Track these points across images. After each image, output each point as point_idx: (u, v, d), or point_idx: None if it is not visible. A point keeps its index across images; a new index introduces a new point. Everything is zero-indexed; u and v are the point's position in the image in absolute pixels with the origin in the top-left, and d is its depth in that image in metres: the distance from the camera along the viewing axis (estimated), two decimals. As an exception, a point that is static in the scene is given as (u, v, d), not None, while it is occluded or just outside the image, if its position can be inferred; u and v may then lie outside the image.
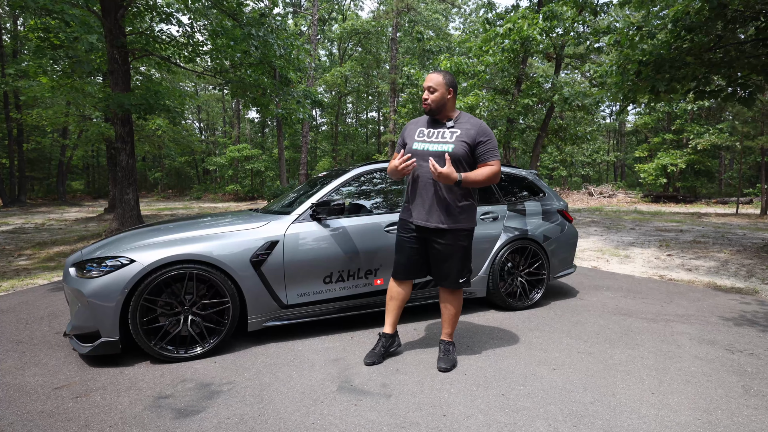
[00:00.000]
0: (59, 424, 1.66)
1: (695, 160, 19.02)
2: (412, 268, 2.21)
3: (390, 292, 2.27)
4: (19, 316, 3.03)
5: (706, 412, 1.75)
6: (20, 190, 17.75)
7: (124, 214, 7.10)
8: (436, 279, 2.22)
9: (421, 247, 2.18)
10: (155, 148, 21.24)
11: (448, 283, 2.17)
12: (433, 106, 2.12)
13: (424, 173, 2.10)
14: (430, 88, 2.11)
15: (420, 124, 2.22)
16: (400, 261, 2.22)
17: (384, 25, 21.48)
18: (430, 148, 2.11)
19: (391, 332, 2.28)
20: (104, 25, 6.64)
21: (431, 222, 2.11)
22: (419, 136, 2.16)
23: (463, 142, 2.07)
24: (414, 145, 2.15)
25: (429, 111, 2.14)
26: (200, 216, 3.09)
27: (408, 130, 2.22)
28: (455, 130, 2.11)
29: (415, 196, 2.15)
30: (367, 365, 2.16)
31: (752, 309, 3.22)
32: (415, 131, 2.19)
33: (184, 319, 2.26)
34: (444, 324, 2.26)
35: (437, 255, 2.15)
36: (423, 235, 2.16)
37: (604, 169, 32.51)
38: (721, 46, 5.15)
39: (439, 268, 2.17)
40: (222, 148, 28.45)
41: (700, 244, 6.51)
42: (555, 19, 9.09)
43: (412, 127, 2.22)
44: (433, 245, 2.15)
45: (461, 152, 2.06)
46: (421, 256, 2.19)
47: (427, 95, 2.11)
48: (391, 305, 2.27)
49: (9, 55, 16.81)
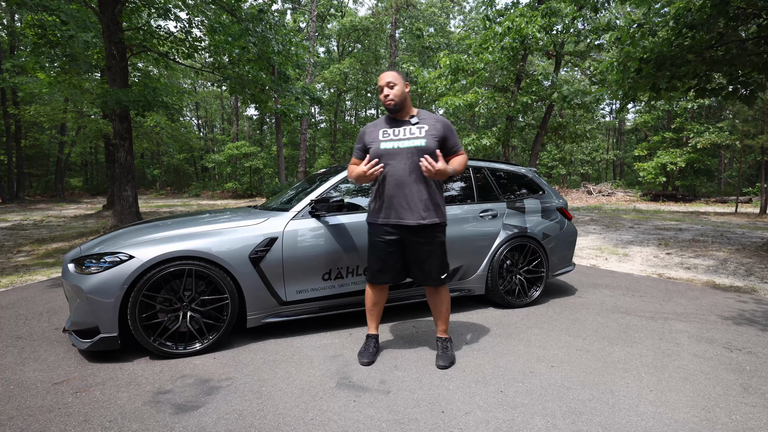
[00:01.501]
0: (59, 419, 1.66)
1: (695, 158, 19.05)
2: (390, 272, 2.16)
3: (372, 298, 2.24)
4: (18, 312, 3.03)
5: (704, 410, 1.75)
6: (18, 187, 17.70)
7: (122, 211, 7.09)
8: (420, 279, 2.17)
9: (398, 250, 2.14)
10: (154, 145, 21.19)
11: (431, 281, 2.16)
12: (397, 101, 2.08)
13: (396, 172, 2.06)
14: (389, 84, 2.08)
15: (380, 125, 2.17)
16: (377, 266, 2.16)
17: (383, 22, 21.39)
18: (400, 145, 2.07)
19: (377, 333, 2.31)
20: (101, 21, 6.60)
21: (412, 219, 2.06)
22: (384, 137, 2.12)
23: (433, 136, 2.09)
24: (381, 145, 2.10)
25: (393, 107, 2.10)
26: (199, 213, 3.08)
27: (368, 133, 2.17)
28: (421, 125, 2.11)
29: (390, 196, 2.08)
30: (365, 365, 2.15)
31: (751, 308, 3.23)
32: (377, 133, 2.14)
33: (183, 315, 2.25)
34: (438, 322, 2.26)
35: (418, 254, 2.12)
36: (401, 236, 2.11)
37: (603, 167, 32.52)
38: (722, 43, 5.13)
39: (421, 267, 2.14)
40: (220, 145, 28.38)
41: (699, 243, 6.52)
42: (554, 16, 9.04)
43: (372, 130, 2.17)
44: (413, 244, 2.11)
45: (433, 146, 2.08)
46: (398, 259, 2.15)
47: (388, 91, 2.07)
48: (375, 310, 2.26)
49: (6, 51, 16.72)
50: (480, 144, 11.88)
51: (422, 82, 11.79)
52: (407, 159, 2.06)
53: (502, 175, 3.39)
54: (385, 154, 2.08)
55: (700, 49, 5.09)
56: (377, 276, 2.17)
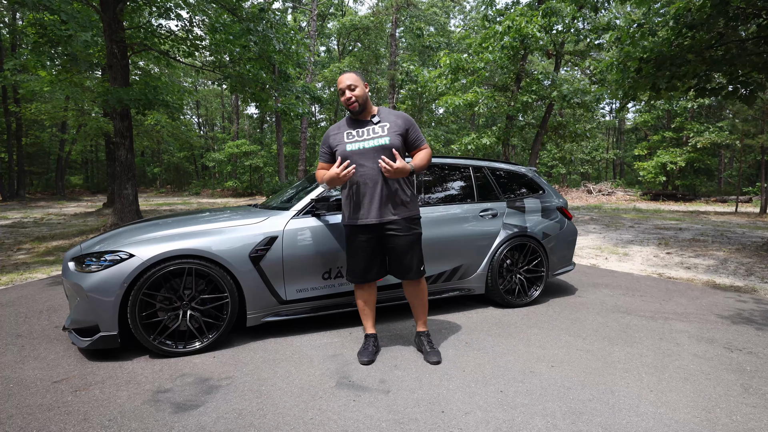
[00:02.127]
0: (58, 418, 1.66)
1: (695, 158, 19.03)
2: (375, 268, 2.19)
3: (362, 298, 2.26)
4: (18, 310, 3.03)
5: (704, 410, 1.75)
6: (19, 185, 17.70)
7: (122, 209, 7.08)
8: (400, 274, 2.20)
9: (376, 248, 2.16)
10: (154, 144, 21.17)
11: (412, 275, 2.19)
12: (360, 102, 2.10)
13: (366, 172, 2.09)
14: (350, 87, 2.09)
15: (343, 128, 2.18)
16: (357, 267, 2.18)
17: (383, 21, 21.36)
18: (365, 145, 2.10)
19: (375, 331, 2.32)
20: (103, 20, 6.59)
21: (385, 217, 2.10)
22: (349, 138, 2.13)
23: (396, 133, 2.13)
24: (348, 147, 2.11)
25: (357, 110, 2.12)
26: (199, 211, 3.08)
27: (332, 137, 2.18)
28: (383, 123, 2.15)
29: (360, 197, 2.11)
30: (365, 364, 2.16)
31: (751, 307, 3.23)
32: (342, 136, 2.15)
33: (183, 314, 2.25)
34: (419, 315, 2.30)
35: (397, 249, 2.14)
36: (377, 234, 2.14)
37: (603, 166, 32.51)
38: (722, 43, 5.12)
39: (401, 262, 2.16)
40: (221, 143, 28.36)
41: (699, 243, 6.52)
42: (554, 15, 9.02)
43: (336, 133, 2.18)
44: (391, 240, 2.13)
45: (397, 143, 2.12)
46: (376, 257, 2.18)
47: (350, 94, 2.09)
48: (367, 309, 2.28)
49: (8, 50, 16.70)
50: (480, 143, 11.87)
51: (422, 81, 11.79)
52: (374, 158, 2.08)
53: (502, 174, 3.38)
54: (352, 155, 2.09)
55: (700, 49, 5.08)
56: (364, 275, 2.19)
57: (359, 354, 2.22)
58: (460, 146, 12.23)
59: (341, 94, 2.13)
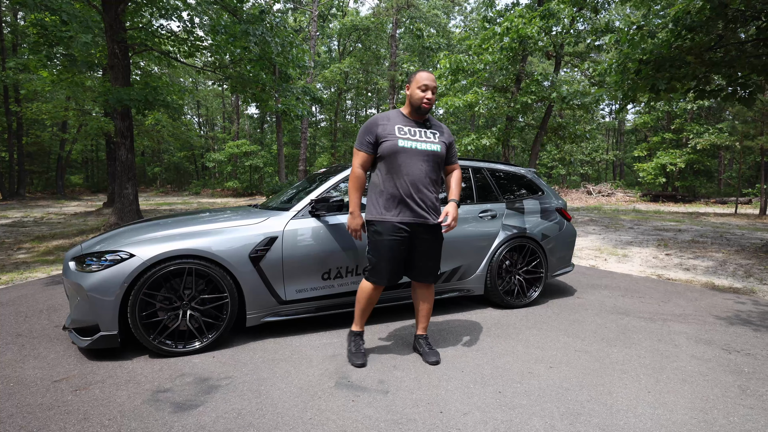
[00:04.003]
0: (58, 417, 1.67)
1: (694, 159, 19.05)
2: (398, 272, 2.14)
3: (371, 297, 2.17)
4: (18, 310, 3.03)
5: (702, 412, 1.76)
6: (19, 184, 17.70)
7: (122, 209, 7.09)
8: (422, 276, 2.19)
9: (406, 249, 2.13)
10: (154, 143, 21.18)
11: (432, 278, 2.20)
12: (431, 107, 2.13)
13: (413, 171, 2.06)
14: (434, 89, 2.11)
15: (394, 121, 2.13)
16: (388, 267, 2.09)
17: (384, 22, 21.38)
18: (418, 146, 2.08)
19: (362, 329, 2.29)
20: (105, 20, 6.60)
21: (431, 219, 2.11)
22: (401, 134, 2.09)
23: (444, 143, 2.17)
24: (399, 142, 2.06)
25: (428, 111, 2.13)
26: (199, 211, 3.09)
27: (380, 126, 2.10)
28: (434, 131, 2.17)
29: (406, 194, 2.07)
30: (360, 366, 2.14)
31: (749, 309, 3.24)
32: (392, 128, 2.10)
33: (183, 314, 2.26)
34: (422, 319, 2.29)
35: (427, 252, 2.15)
36: (411, 235, 2.10)
37: (603, 167, 32.52)
38: (721, 45, 5.14)
39: (428, 264, 2.17)
40: (221, 143, 28.38)
41: (699, 244, 6.53)
42: (552, 17, 9.04)
43: (386, 123, 2.11)
44: (424, 242, 2.13)
45: (443, 153, 2.16)
46: (402, 258, 2.14)
47: (431, 96, 2.09)
48: (369, 309, 2.23)
49: (9, 49, 16.71)
50: (480, 144, 11.89)
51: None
52: (423, 161, 2.07)
53: (502, 175, 3.39)
54: (402, 152, 2.06)
55: (699, 51, 5.10)
56: (391, 278, 2.12)
57: (353, 356, 2.18)
58: (459, 147, 12.25)
59: (423, 90, 2.07)
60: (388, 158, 2.07)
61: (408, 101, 2.16)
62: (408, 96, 2.15)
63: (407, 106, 2.17)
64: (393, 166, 2.07)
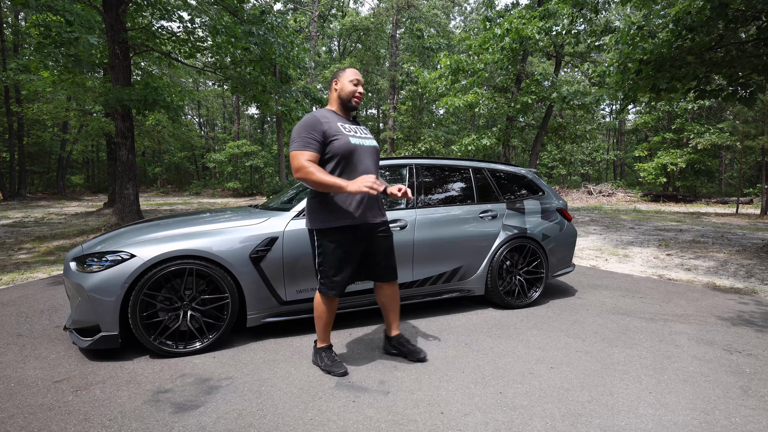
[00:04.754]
0: (59, 417, 1.67)
1: (695, 159, 19.03)
2: (354, 278, 2.07)
3: (333, 308, 2.07)
4: (19, 310, 3.04)
5: (703, 412, 1.75)
6: (20, 184, 17.73)
7: (123, 209, 7.10)
8: (385, 276, 2.11)
9: (359, 252, 2.04)
10: (155, 143, 21.19)
11: (394, 275, 2.15)
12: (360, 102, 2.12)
13: (368, 170, 1.99)
14: (362, 83, 2.09)
15: (333, 119, 2.00)
16: (344, 276, 1.99)
17: (383, 22, 21.39)
18: (365, 143, 2.03)
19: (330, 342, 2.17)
20: (105, 21, 6.61)
21: (380, 217, 2.08)
22: (348, 131, 1.99)
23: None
24: (352, 140, 1.97)
25: (358, 106, 2.09)
26: (200, 212, 3.09)
27: (325, 124, 1.94)
28: (363, 127, 2.18)
29: (358, 196, 1.98)
30: (344, 375, 2.03)
31: (751, 309, 3.23)
32: (336, 126, 1.97)
33: (184, 314, 2.26)
34: (395, 318, 2.22)
35: (384, 250, 2.10)
36: (367, 237, 2.04)
37: (603, 167, 32.49)
38: (722, 45, 5.13)
39: (388, 262, 2.11)
40: (222, 143, 28.39)
41: (700, 244, 6.52)
42: (552, 18, 9.04)
43: (329, 122, 1.97)
44: (380, 241, 2.08)
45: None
46: (357, 262, 2.06)
47: (362, 90, 2.08)
48: (332, 321, 2.11)
49: (10, 50, 16.74)
50: (480, 144, 11.89)
51: (422, 82, 11.81)
52: (370, 157, 2.04)
53: (502, 175, 3.39)
54: (356, 150, 1.97)
55: (699, 51, 5.09)
56: (346, 283, 2.03)
57: (335, 367, 2.05)
58: (460, 147, 12.25)
59: (355, 84, 2.04)
60: (342, 157, 1.94)
61: (337, 98, 2.07)
62: (337, 92, 2.06)
63: (336, 104, 2.08)
64: (348, 165, 1.95)
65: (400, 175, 2.98)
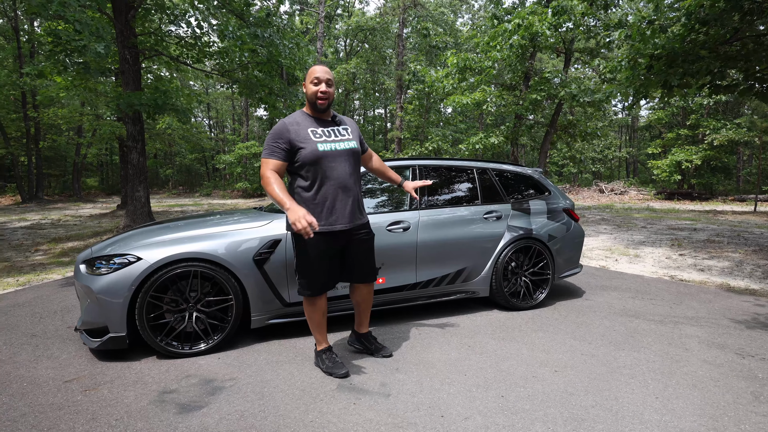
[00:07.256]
0: (68, 417, 1.72)
1: (711, 156, 18.50)
2: (332, 279, 2.08)
3: (321, 309, 2.08)
4: (33, 310, 3.13)
5: (711, 419, 1.71)
6: (38, 187, 18.25)
7: (135, 211, 7.25)
8: (362, 277, 2.13)
9: (339, 255, 2.07)
10: (166, 146, 21.56)
11: (372, 277, 2.18)
12: (330, 100, 1.99)
13: (340, 175, 1.96)
14: (329, 81, 1.98)
15: (304, 124, 1.98)
16: (320, 278, 2.01)
17: (390, 22, 21.35)
18: (338, 147, 1.98)
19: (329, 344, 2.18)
20: (115, 27, 6.75)
21: (357, 221, 2.05)
22: (317, 137, 1.96)
23: (358, 138, 2.14)
24: (319, 146, 1.94)
25: (325, 107, 1.99)
26: (207, 214, 3.14)
27: (292, 132, 1.93)
28: (345, 126, 2.09)
29: (334, 201, 1.97)
30: (345, 376, 2.05)
31: (766, 312, 3.14)
32: (307, 132, 1.95)
33: (189, 316, 2.30)
34: (366, 317, 2.29)
35: (363, 253, 2.11)
36: (345, 240, 2.04)
37: (615, 165, 31.88)
38: (737, 38, 4.98)
39: (366, 265, 2.13)
40: (231, 145, 28.73)
41: (714, 244, 6.35)
42: (565, 13, 8.91)
43: (297, 128, 1.95)
44: (358, 245, 2.08)
45: (359, 148, 2.13)
46: (337, 265, 2.08)
47: (326, 89, 1.96)
48: (324, 321, 2.12)
49: (26, 56, 17.23)
50: (488, 142, 11.79)
51: (429, 81, 11.76)
52: (345, 161, 1.99)
53: (507, 176, 3.36)
54: (324, 157, 1.94)
55: (713, 45, 4.95)
56: (326, 286, 2.06)
57: (335, 368, 2.07)
58: (468, 146, 12.16)
59: (315, 83, 1.96)
60: (310, 166, 1.93)
61: (306, 100, 2.04)
62: (305, 93, 2.02)
63: (308, 106, 2.05)
64: (317, 173, 1.94)
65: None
